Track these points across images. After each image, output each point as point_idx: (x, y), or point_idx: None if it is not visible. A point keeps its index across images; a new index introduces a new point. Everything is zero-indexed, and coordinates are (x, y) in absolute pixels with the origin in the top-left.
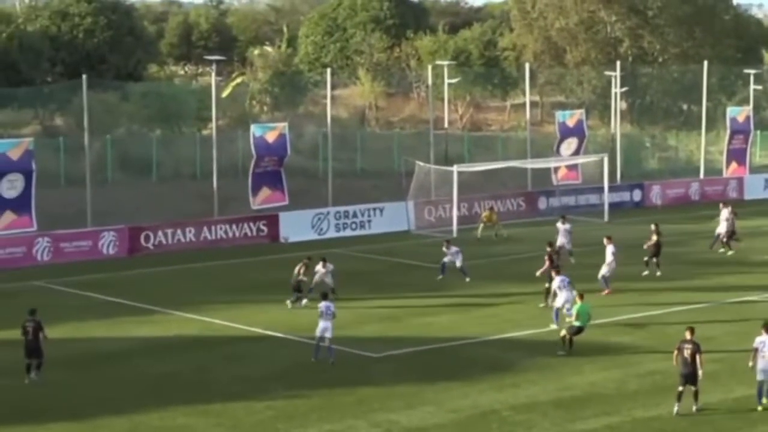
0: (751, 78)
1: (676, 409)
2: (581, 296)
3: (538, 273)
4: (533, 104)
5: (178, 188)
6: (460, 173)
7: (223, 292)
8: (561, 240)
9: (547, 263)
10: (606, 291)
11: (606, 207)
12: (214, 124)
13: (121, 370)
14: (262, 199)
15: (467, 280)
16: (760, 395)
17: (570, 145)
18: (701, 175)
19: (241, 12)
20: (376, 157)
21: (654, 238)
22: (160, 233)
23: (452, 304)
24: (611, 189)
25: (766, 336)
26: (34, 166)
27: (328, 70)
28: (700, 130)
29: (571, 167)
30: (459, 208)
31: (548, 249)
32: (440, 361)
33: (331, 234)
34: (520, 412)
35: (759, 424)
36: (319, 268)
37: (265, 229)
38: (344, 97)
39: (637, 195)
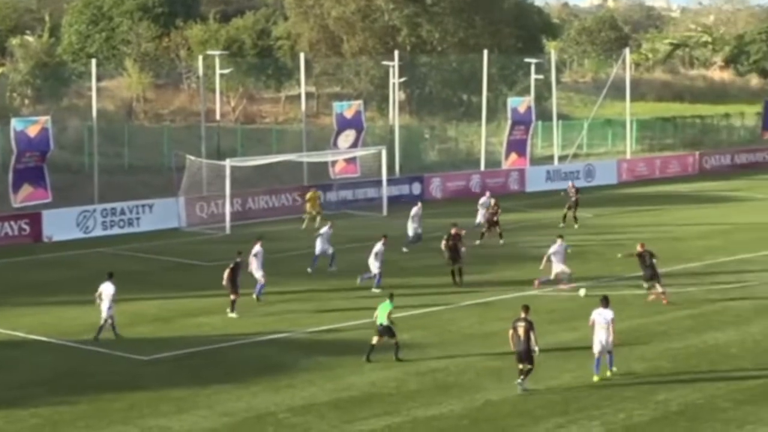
0: (532, 68)
1: (519, 387)
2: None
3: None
4: (309, 95)
5: None
6: (233, 168)
7: None
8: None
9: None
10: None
11: (385, 201)
12: None
13: None
14: (23, 197)
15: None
16: (597, 366)
17: (348, 137)
18: (482, 167)
19: (0, 0)
20: (145, 152)
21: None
22: None
23: (226, 303)
24: (390, 182)
25: (602, 309)
26: None
27: (93, 61)
28: (480, 121)
29: (349, 160)
30: (232, 204)
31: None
32: (213, 363)
33: (98, 232)
34: (297, 413)
35: (541, 422)
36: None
37: (27, 228)
38: (110, 89)
39: (416, 188)
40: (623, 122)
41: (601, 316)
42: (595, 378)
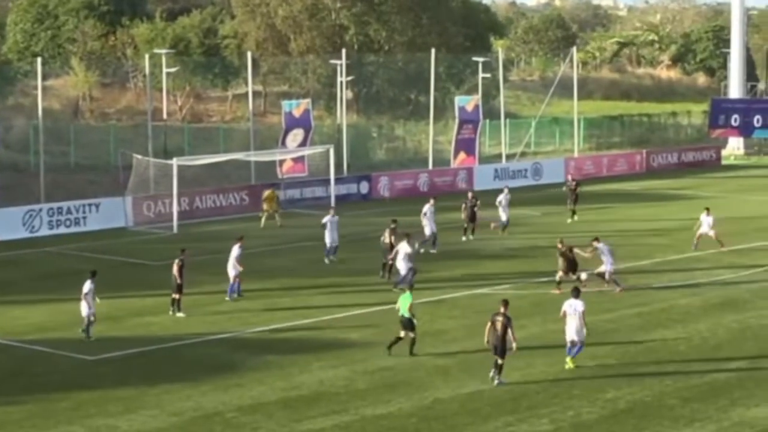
0: (480, 66)
1: (492, 376)
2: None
3: None
4: (256, 94)
5: None
6: (180, 167)
7: None
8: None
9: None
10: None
11: (333, 199)
12: None
13: None
14: None
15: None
16: (569, 353)
17: (296, 136)
18: (430, 166)
19: None
20: (92, 151)
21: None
22: None
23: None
24: (338, 181)
25: (574, 300)
26: None
27: (39, 60)
28: (428, 120)
29: (297, 159)
30: (180, 203)
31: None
32: (161, 363)
33: (44, 232)
34: (245, 413)
35: (490, 420)
36: (402, 246)
37: None
38: (56, 88)
39: (364, 187)
40: (571, 120)
41: (572, 307)
42: (569, 364)
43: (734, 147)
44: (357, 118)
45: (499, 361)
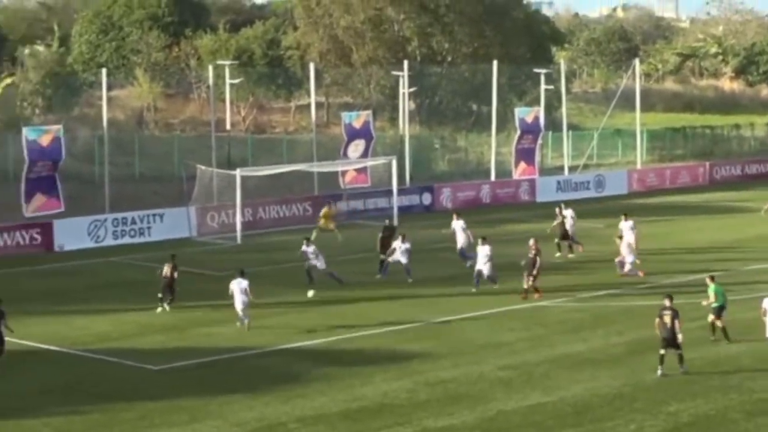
0: (542, 78)
1: (659, 372)
2: (712, 278)
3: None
4: (319, 105)
5: None
6: (244, 177)
7: None
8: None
9: None
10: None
11: (395, 211)
12: None
13: None
14: (36, 206)
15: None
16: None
17: (357, 147)
18: (492, 177)
19: (10, 9)
20: (156, 161)
21: (559, 218)
22: None
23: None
24: (400, 192)
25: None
26: None
27: (104, 71)
28: (490, 131)
29: (360, 170)
30: (243, 214)
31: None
32: (224, 373)
33: (109, 242)
34: (307, 424)
35: (555, 430)
36: (397, 243)
37: (38, 237)
38: (121, 99)
39: (426, 198)
40: (633, 132)
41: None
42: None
43: None
44: (419, 129)
45: (678, 352)
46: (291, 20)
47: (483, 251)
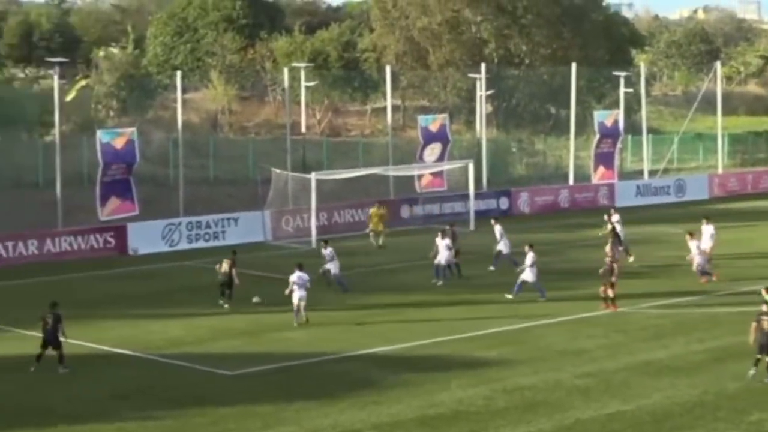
0: (621, 81)
1: (751, 372)
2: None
3: None
4: (395, 108)
5: (18, 198)
6: (319, 181)
7: (68, 308)
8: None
9: None
10: (711, 277)
11: (472, 215)
12: (57, 130)
13: None
14: (111, 210)
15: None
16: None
17: (433, 150)
18: (570, 182)
19: (85, 11)
20: (230, 164)
21: (609, 226)
22: None
23: (313, 318)
24: (477, 196)
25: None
26: None
27: (179, 73)
28: (568, 135)
29: (436, 174)
30: (318, 218)
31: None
32: (299, 379)
33: (183, 245)
34: (382, 430)
35: None
36: (438, 239)
37: (112, 240)
38: (195, 101)
39: (504, 202)
40: (714, 136)
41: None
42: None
43: None
44: (496, 133)
45: None
46: (367, 22)
47: (528, 259)
